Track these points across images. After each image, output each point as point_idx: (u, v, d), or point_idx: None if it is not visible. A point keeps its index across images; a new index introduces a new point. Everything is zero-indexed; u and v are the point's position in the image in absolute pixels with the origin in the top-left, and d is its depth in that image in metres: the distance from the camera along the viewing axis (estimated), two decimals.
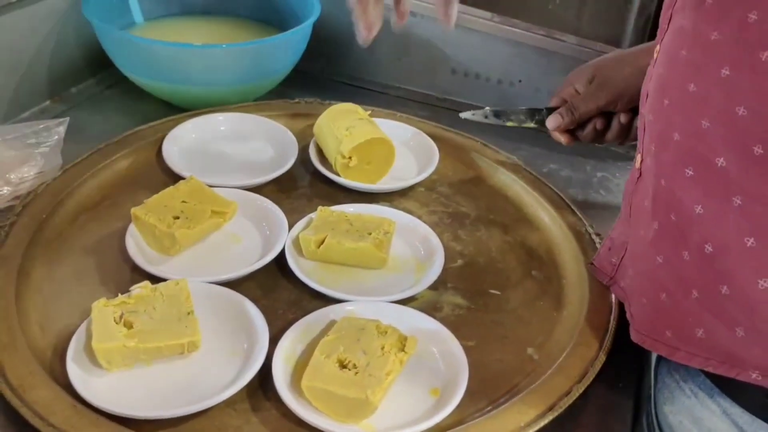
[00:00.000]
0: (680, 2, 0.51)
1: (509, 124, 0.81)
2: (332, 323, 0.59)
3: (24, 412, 0.51)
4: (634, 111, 0.75)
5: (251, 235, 0.71)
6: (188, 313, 0.57)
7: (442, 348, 0.59)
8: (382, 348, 0.55)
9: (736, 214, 0.47)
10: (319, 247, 0.67)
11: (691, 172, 0.50)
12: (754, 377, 0.49)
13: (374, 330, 0.57)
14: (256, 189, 0.76)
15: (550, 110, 0.79)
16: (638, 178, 0.58)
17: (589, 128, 0.77)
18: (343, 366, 0.54)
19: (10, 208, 0.71)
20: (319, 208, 0.71)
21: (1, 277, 0.62)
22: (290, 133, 0.84)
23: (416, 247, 0.72)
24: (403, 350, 0.56)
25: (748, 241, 0.47)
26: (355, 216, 0.71)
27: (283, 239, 0.69)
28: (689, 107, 0.50)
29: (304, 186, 0.81)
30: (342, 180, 0.78)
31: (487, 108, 0.81)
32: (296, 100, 0.92)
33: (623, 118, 0.75)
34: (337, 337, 0.56)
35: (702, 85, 0.48)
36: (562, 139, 0.80)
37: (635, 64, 0.73)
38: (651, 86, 0.55)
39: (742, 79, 0.45)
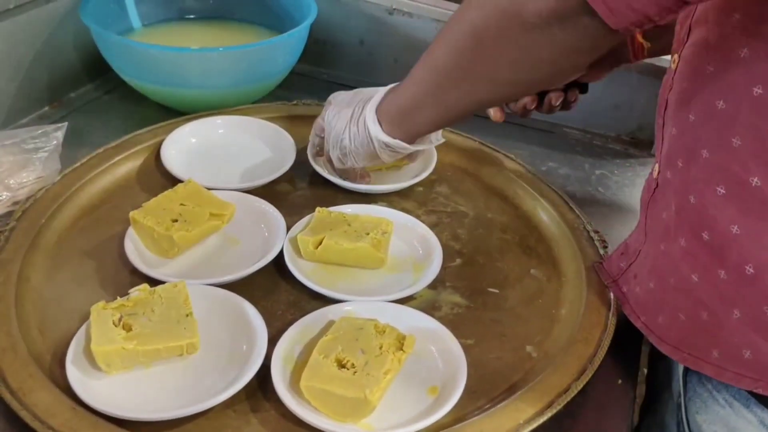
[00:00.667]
0: (700, 14, 0.50)
1: None
2: (331, 323, 0.59)
3: (24, 415, 0.51)
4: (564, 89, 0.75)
5: (250, 237, 0.71)
6: (187, 315, 0.58)
7: (441, 346, 0.59)
8: (381, 347, 0.56)
9: None
10: (317, 247, 0.67)
11: (723, 191, 0.48)
12: None
13: (372, 329, 0.57)
14: (255, 191, 0.77)
15: None
16: (655, 188, 0.56)
17: (520, 104, 0.76)
18: (341, 366, 0.54)
19: (9, 214, 0.71)
20: (317, 209, 0.72)
21: (1, 282, 0.62)
22: (288, 135, 0.85)
23: (414, 246, 0.72)
24: (401, 349, 0.56)
25: None
26: (353, 216, 0.71)
27: (282, 240, 0.69)
28: (718, 124, 0.48)
29: (302, 188, 0.81)
30: (340, 181, 0.79)
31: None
32: (294, 101, 0.92)
33: (554, 99, 0.74)
34: (335, 337, 0.57)
35: (732, 103, 0.47)
36: (494, 114, 0.78)
37: None
38: (672, 98, 0.54)
39: None
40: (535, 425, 0.53)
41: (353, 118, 0.72)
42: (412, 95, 0.65)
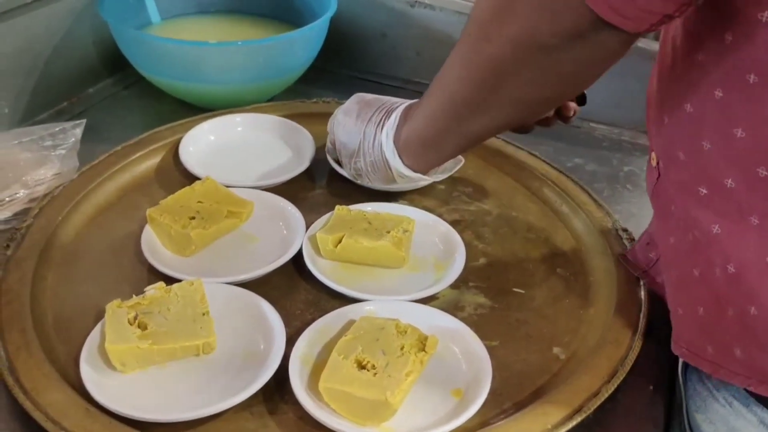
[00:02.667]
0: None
1: None
2: (350, 323, 0.58)
3: (37, 415, 0.50)
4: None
5: (268, 235, 0.70)
6: (203, 314, 0.56)
7: (464, 347, 0.57)
8: (402, 348, 0.54)
9: (755, 234, 0.45)
10: (336, 246, 0.66)
11: (704, 191, 0.48)
12: None
13: (393, 329, 0.55)
14: (273, 189, 0.75)
15: None
16: (657, 178, 0.55)
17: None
18: (361, 367, 0.53)
19: (26, 211, 0.70)
20: (337, 206, 0.70)
21: (16, 280, 0.61)
22: (307, 133, 0.83)
23: (436, 245, 0.70)
24: (423, 350, 0.54)
25: None
26: (374, 215, 0.69)
27: (301, 239, 0.67)
28: (688, 128, 0.48)
29: (321, 185, 0.79)
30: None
31: None
32: (314, 99, 0.91)
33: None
34: (355, 337, 0.55)
35: (697, 106, 0.47)
36: None
37: None
38: (651, 98, 0.53)
39: (735, 100, 0.44)
40: (563, 431, 0.51)
41: (366, 140, 0.70)
42: (433, 130, 0.62)
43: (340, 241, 0.66)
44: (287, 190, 0.76)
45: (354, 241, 0.65)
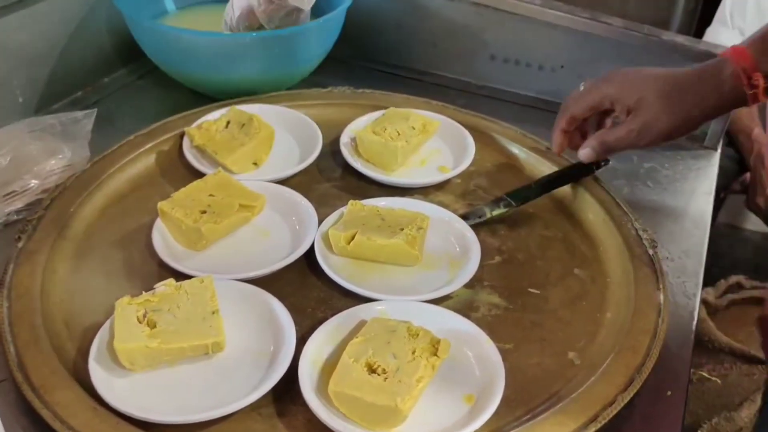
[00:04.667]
0: None
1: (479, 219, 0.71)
2: (362, 323, 0.57)
3: (45, 414, 0.50)
4: None
5: (280, 229, 0.69)
6: (213, 313, 0.55)
7: (478, 351, 0.56)
8: (413, 352, 0.53)
9: None
10: (349, 243, 0.65)
11: None
12: None
13: (405, 332, 0.54)
14: (285, 182, 0.74)
15: (511, 195, 0.73)
16: None
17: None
18: (372, 370, 0.52)
19: (37, 202, 0.70)
20: (350, 202, 0.69)
21: (27, 273, 0.61)
22: (314, 125, 0.81)
23: (451, 242, 0.68)
24: (435, 354, 0.53)
25: None
26: (387, 210, 0.68)
27: (313, 233, 0.66)
28: None
29: (335, 178, 0.78)
30: (373, 174, 0.76)
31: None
32: (329, 88, 0.89)
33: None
34: (366, 339, 0.54)
35: None
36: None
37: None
38: None
39: None
40: None
41: None
42: None
43: (352, 238, 0.65)
44: (299, 183, 0.75)
45: (367, 239, 0.64)
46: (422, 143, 0.81)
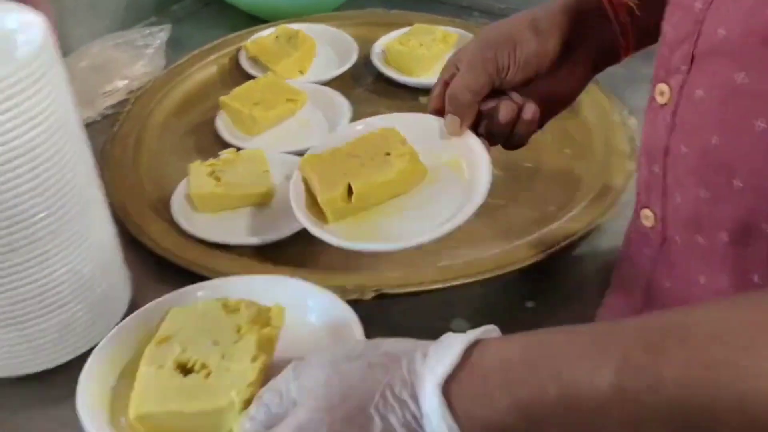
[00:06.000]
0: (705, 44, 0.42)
1: None
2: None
3: (144, 239, 0.66)
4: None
5: (319, 121, 0.83)
6: (264, 171, 0.71)
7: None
8: (238, 330, 0.43)
9: None
10: (347, 200, 0.57)
11: None
12: None
13: (220, 311, 0.45)
14: (325, 84, 0.88)
15: None
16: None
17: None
18: (186, 371, 0.41)
19: (125, 101, 0.86)
20: (302, 158, 0.62)
21: (122, 149, 0.78)
22: (350, 38, 0.95)
23: (438, 142, 0.60)
24: (268, 324, 0.44)
25: None
26: (349, 146, 0.60)
27: (346, 121, 0.80)
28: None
29: (367, 84, 0.92)
30: (399, 77, 0.89)
31: None
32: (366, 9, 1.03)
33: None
34: (167, 337, 0.43)
35: None
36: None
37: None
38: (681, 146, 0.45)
39: None
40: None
41: None
42: None
43: (349, 194, 0.57)
44: (337, 87, 0.87)
45: (364, 183, 0.56)
46: (443, 53, 0.93)
